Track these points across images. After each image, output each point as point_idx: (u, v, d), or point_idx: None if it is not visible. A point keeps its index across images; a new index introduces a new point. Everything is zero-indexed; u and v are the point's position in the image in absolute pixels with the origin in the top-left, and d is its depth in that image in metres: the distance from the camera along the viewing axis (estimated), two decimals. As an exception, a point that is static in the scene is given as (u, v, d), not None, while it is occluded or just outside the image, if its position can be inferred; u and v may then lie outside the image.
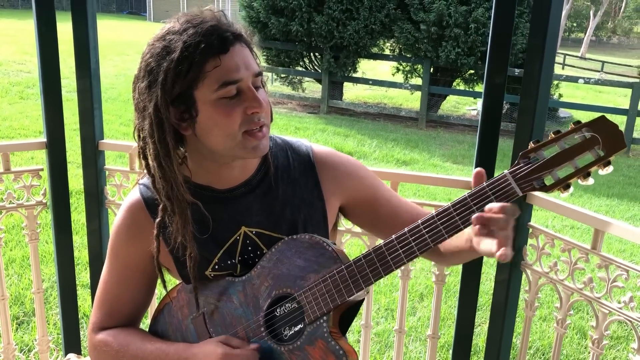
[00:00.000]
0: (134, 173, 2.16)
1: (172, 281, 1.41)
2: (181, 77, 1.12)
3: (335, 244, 1.24)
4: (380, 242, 1.17)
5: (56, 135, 2.11)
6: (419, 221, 1.12)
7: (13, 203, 2.12)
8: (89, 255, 2.30)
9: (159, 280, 1.43)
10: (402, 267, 1.64)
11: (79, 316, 2.43)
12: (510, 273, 1.90)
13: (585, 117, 13.40)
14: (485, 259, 2.07)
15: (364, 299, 1.27)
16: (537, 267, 1.84)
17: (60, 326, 2.40)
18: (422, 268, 4.33)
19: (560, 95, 12.24)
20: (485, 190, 1.07)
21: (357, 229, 2.01)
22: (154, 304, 1.90)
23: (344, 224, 1.99)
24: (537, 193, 1.81)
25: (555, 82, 11.99)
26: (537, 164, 1.04)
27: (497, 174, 1.82)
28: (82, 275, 3.70)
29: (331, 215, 1.36)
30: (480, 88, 12.00)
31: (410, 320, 3.67)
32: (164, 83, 1.13)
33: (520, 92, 1.86)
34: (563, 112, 12.69)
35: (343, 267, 1.17)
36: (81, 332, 2.95)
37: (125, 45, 17.68)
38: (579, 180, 1.03)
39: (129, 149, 2.18)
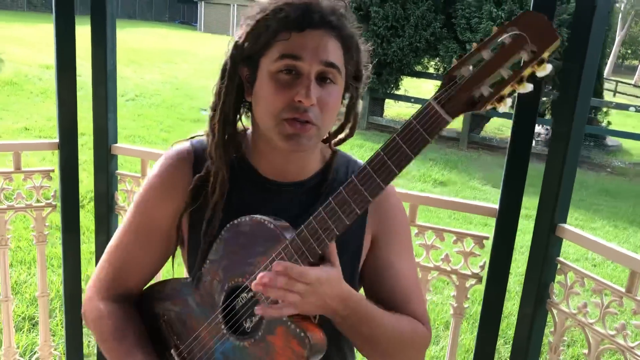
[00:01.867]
0: (146, 179, 2.09)
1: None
2: (253, 39, 1.11)
3: (279, 219, 1.11)
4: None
5: (69, 137, 2.07)
6: (353, 176, 0.99)
7: (22, 203, 2.08)
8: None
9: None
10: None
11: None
12: (535, 310, 1.74)
13: (635, 146, 12.89)
14: (509, 293, 1.91)
15: None
16: (564, 306, 1.67)
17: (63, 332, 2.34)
18: (449, 295, 4.15)
19: (609, 123, 11.83)
20: (413, 124, 0.94)
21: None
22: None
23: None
24: (567, 226, 1.66)
25: (605, 109, 11.59)
26: (463, 82, 0.90)
27: (524, 200, 1.70)
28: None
29: (365, 249, 1.24)
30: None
31: (433, 350, 3.49)
32: (239, 38, 1.14)
33: (554, 117, 1.71)
34: (611, 140, 12.23)
35: (287, 242, 1.05)
36: (86, 341, 2.90)
37: (173, 54, 18.01)
38: (516, 89, 0.87)
39: (141, 154, 2.11)
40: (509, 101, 0.89)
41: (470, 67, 0.90)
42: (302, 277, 0.99)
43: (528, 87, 0.87)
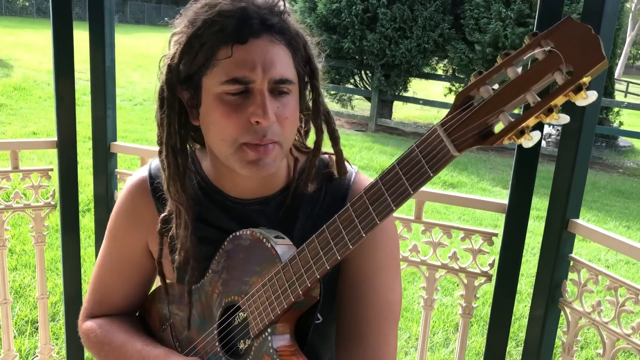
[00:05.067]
0: (146, 178, 2.04)
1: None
2: (190, 58, 0.97)
3: (282, 237, 1.02)
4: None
5: (67, 135, 2.03)
6: (349, 204, 0.87)
7: (20, 203, 2.04)
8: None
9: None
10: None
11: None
12: (547, 310, 1.67)
13: (648, 146, 12.75)
14: (521, 295, 1.85)
15: (318, 302, 1.01)
16: (577, 305, 1.61)
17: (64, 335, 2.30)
18: (459, 297, 4.08)
19: (620, 123, 11.69)
20: (415, 153, 0.78)
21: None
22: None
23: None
24: (579, 221, 1.60)
25: (616, 109, 11.46)
26: (478, 107, 0.72)
27: (534, 201, 1.64)
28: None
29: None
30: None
31: (442, 352, 3.42)
32: (172, 58, 0.99)
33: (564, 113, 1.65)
34: (623, 140, 12.08)
35: (280, 267, 0.97)
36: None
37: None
38: (543, 120, 0.69)
39: (141, 152, 2.07)
40: (534, 135, 0.70)
41: (491, 88, 0.72)
42: None
43: (562, 119, 0.69)
